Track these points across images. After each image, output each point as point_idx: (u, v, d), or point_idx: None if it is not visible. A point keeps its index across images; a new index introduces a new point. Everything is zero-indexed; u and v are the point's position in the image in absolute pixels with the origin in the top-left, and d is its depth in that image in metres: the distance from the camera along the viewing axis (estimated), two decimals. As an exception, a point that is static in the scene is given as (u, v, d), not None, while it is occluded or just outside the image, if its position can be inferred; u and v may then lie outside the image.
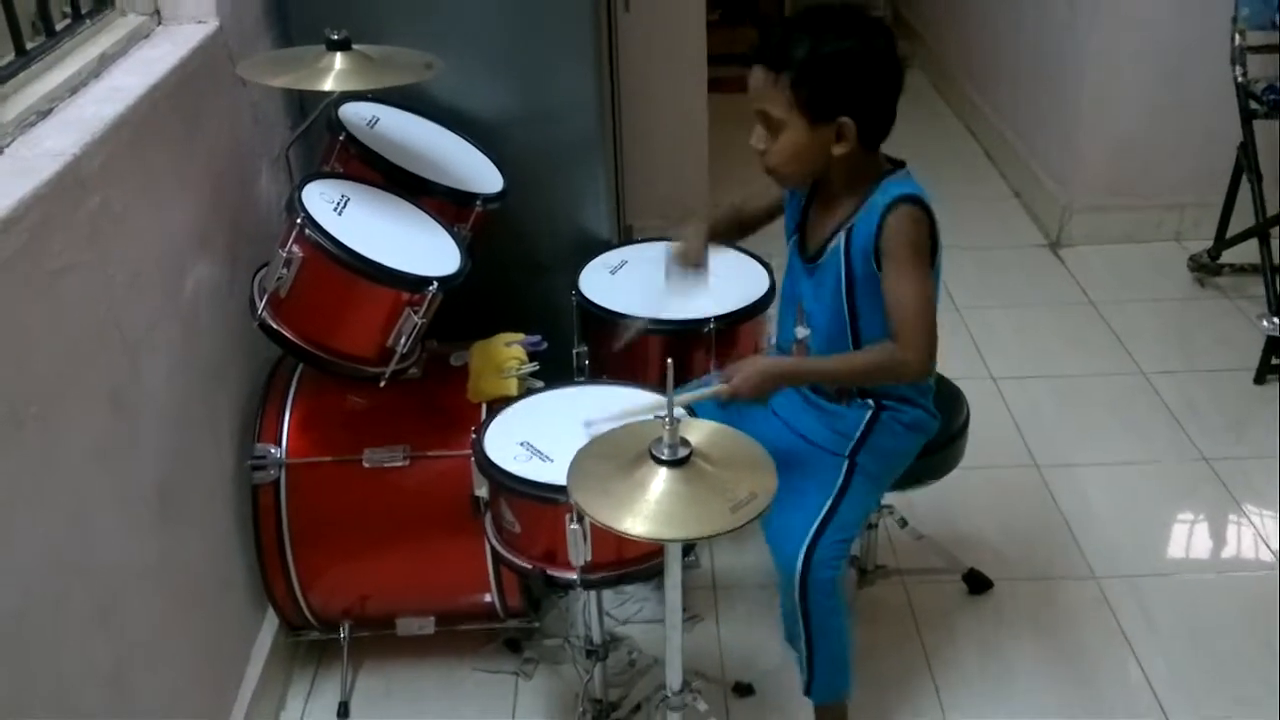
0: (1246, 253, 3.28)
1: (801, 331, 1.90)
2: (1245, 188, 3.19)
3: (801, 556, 1.77)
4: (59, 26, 1.81)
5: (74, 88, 1.72)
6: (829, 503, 1.82)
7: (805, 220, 1.89)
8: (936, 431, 1.96)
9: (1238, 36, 3.11)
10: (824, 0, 1.72)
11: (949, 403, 2.08)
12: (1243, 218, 3.25)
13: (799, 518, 1.79)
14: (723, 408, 1.78)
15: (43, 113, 1.63)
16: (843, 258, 1.77)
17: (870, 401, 1.86)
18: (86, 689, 1.53)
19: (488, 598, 2.12)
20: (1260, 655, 2.21)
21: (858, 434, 1.86)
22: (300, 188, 1.90)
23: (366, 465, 2.02)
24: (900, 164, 1.80)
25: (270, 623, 2.19)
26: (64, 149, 1.52)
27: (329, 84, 1.87)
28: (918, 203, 1.72)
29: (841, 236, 1.77)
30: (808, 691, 1.90)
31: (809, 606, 1.80)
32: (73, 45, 1.81)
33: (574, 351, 2.21)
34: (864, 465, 1.86)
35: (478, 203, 2.14)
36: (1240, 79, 3.11)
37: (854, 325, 1.81)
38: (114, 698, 1.60)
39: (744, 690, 2.14)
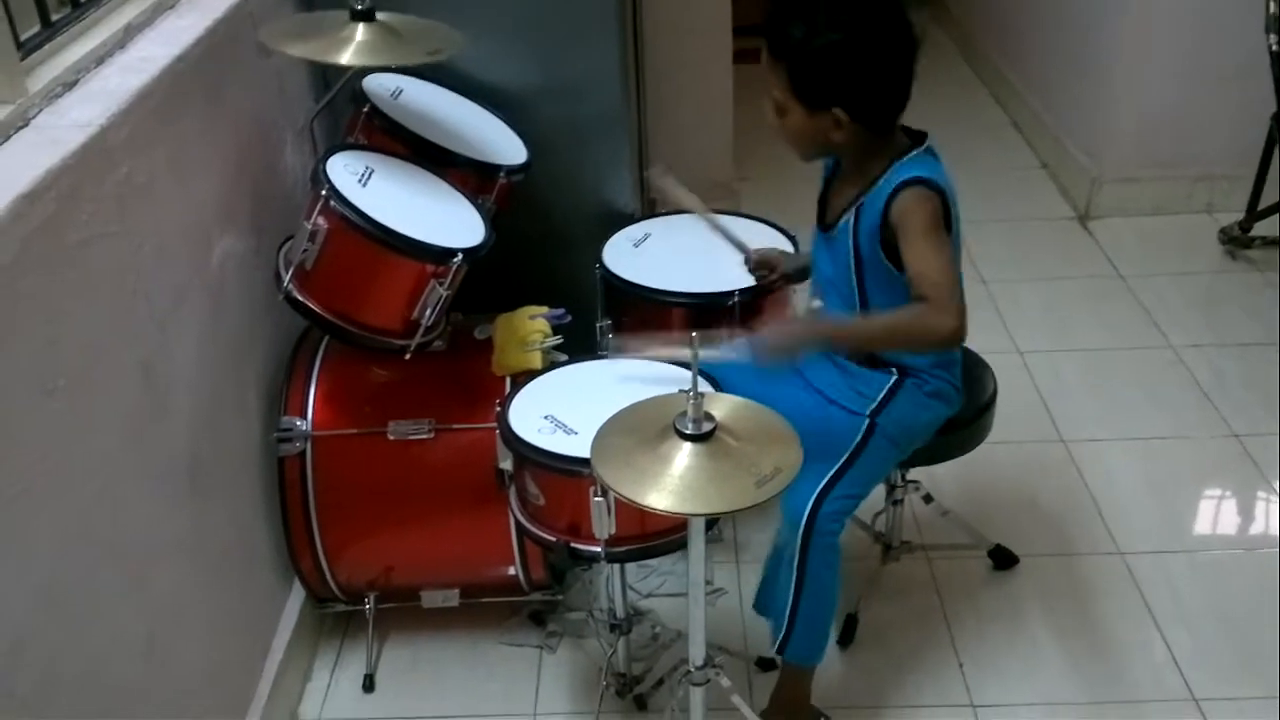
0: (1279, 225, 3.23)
1: (815, 303, 1.90)
2: (1277, 159, 3.14)
3: (809, 507, 1.79)
4: (84, -3, 1.81)
5: (100, 58, 1.72)
6: (843, 459, 1.83)
7: (829, 189, 1.90)
8: (960, 406, 1.95)
9: (1273, 4, 3.05)
10: None
11: (976, 377, 2.06)
12: (1275, 190, 3.21)
13: (812, 469, 1.77)
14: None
15: (69, 84, 1.63)
16: (851, 235, 1.78)
17: (895, 369, 1.87)
18: (117, 661, 1.55)
19: (512, 570, 2.12)
20: (1289, 632, 2.19)
21: (880, 396, 1.86)
22: (325, 159, 1.89)
23: (392, 438, 2.02)
24: (920, 138, 1.79)
25: (297, 595, 2.21)
26: (90, 120, 1.52)
27: (349, 58, 1.86)
28: (925, 183, 1.71)
29: (852, 214, 1.78)
30: (781, 649, 1.90)
31: (807, 557, 1.81)
32: (98, 16, 1.80)
33: (598, 325, 2.20)
34: (883, 427, 1.85)
35: (502, 174, 2.13)
36: (1275, 47, 3.05)
37: (863, 304, 1.82)
38: (145, 669, 1.62)
39: (767, 665, 2.14)
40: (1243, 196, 3.37)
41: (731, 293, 2.08)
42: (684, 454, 1.42)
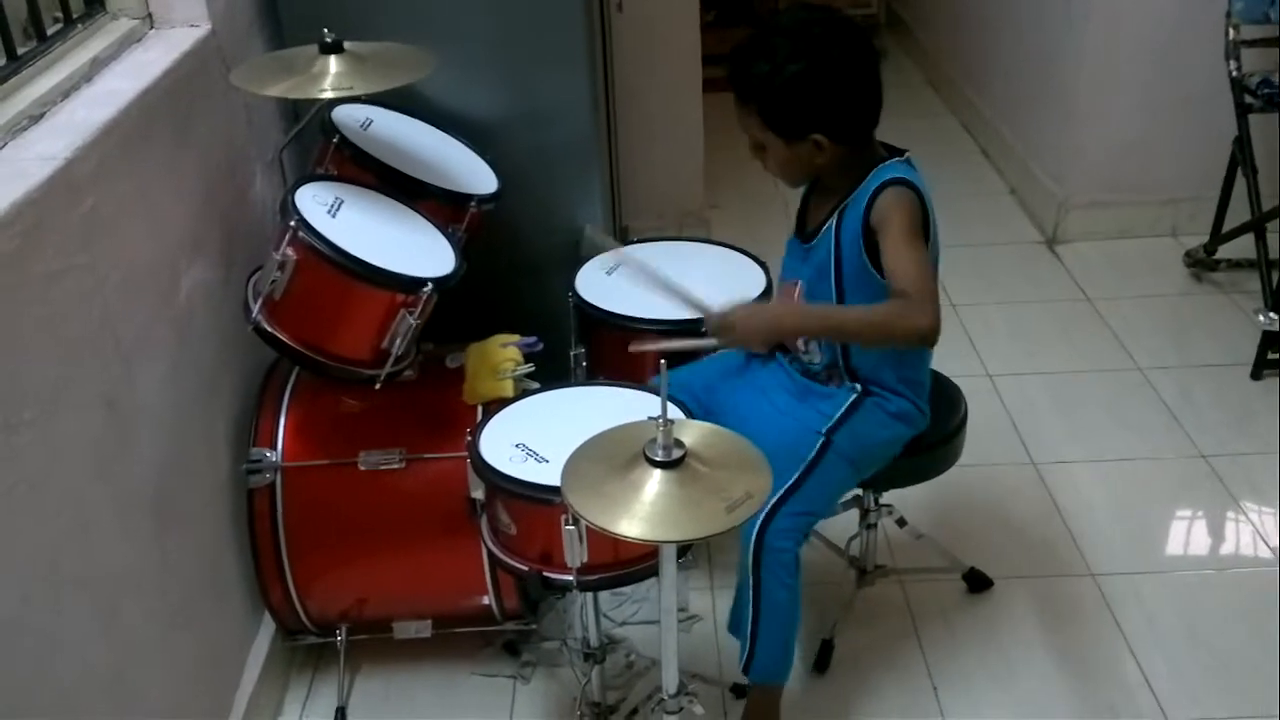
0: (1242, 248, 3.27)
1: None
2: (1241, 183, 3.19)
3: (759, 523, 1.79)
4: (50, 31, 1.81)
5: (65, 92, 1.72)
6: (795, 475, 1.83)
7: (807, 202, 1.92)
8: (924, 428, 1.96)
9: (1232, 31, 3.10)
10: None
11: (947, 399, 2.08)
12: (1238, 213, 3.25)
13: None
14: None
15: (34, 117, 1.63)
16: (833, 239, 1.80)
17: (858, 386, 1.88)
18: (85, 695, 1.53)
19: (485, 600, 2.11)
20: (1259, 653, 2.20)
21: (838, 414, 1.88)
22: (293, 190, 1.89)
23: (362, 468, 2.01)
24: (900, 152, 1.82)
25: (267, 627, 2.18)
26: (56, 153, 1.52)
27: (323, 91, 1.86)
28: (906, 184, 1.73)
29: (834, 220, 1.80)
30: (746, 669, 1.90)
31: (760, 573, 1.81)
32: (64, 49, 1.80)
33: (571, 353, 2.20)
34: (838, 444, 1.86)
35: (472, 204, 2.13)
36: (1235, 73, 3.11)
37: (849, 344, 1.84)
38: (112, 704, 1.60)
39: (742, 691, 2.13)
40: (1207, 220, 3.42)
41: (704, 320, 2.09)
42: (654, 481, 1.42)
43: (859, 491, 2.17)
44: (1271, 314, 2.96)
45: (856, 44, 1.74)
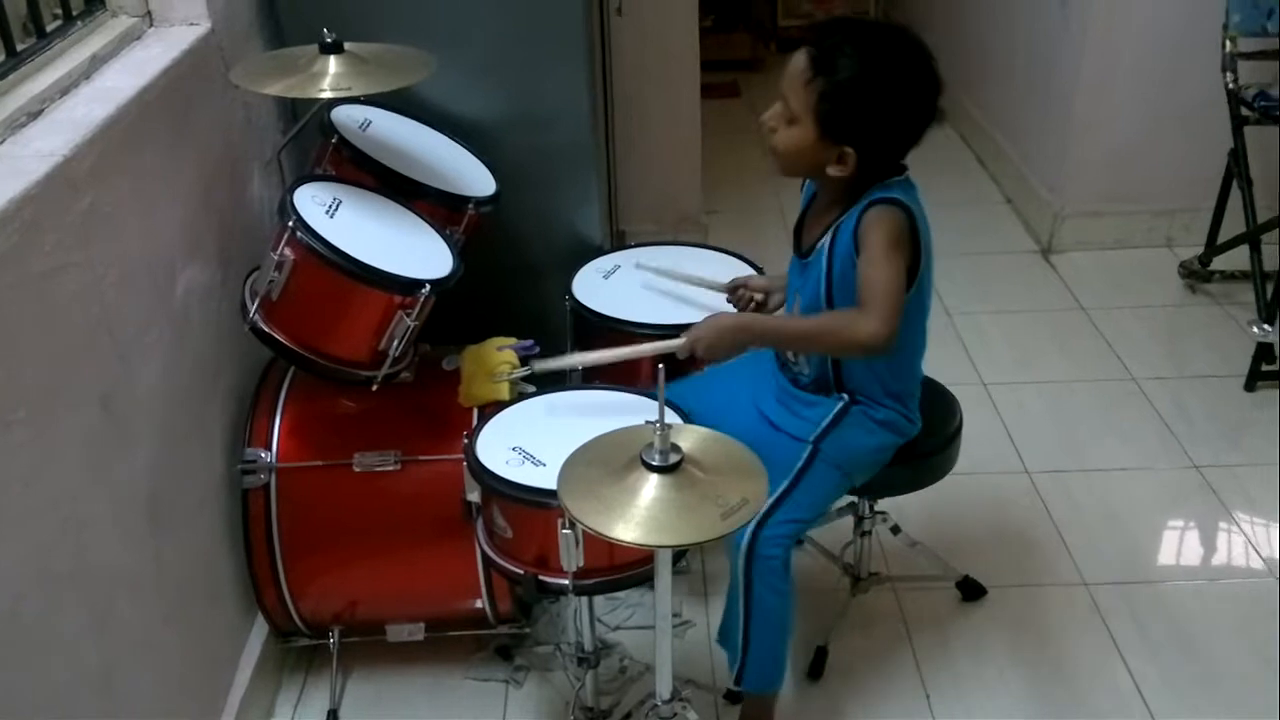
0: (1237, 259, 3.29)
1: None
2: (1236, 194, 3.20)
3: (750, 531, 1.79)
4: (50, 28, 1.80)
5: (64, 89, 1.71)
6: (785, 484, 1.84)
7: (805, 216, 1.92)
8: (914, 436, 1.96)
9: (1228, 43, 3.11)
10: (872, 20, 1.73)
11: (942, 407, 2.08)
12: (1233, 224, 3.26)
13: None
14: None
15: (33, 114, 1.62)
16: (826, 257, 1.80)
17: (845, 395, 1.89)
18: (77, 694, 1.52)
19: (479, 603, 2.11)
20: (1252, 663, 2.21)
21: (826, 422, 1.88)
22: (292, 190, 1.89)
23: (357, 470, 2.01)
24: (900, 169, 1.81)
25: (260, 628, 2.18)
26: (54, 150, 1.51)
27: (323, 91, 1.86)
28: (895, 204, 1.73)
29: (828, 237, 1.80)
30: (738, 680, 1.90)
31: (751, 581, 1.81)
32: (64, 46, 1.80)
33: (567, 356, 2.20)
34: (826, 452, 1.87)
35: (470, 206, 2.13)
36: (1231, 85, 3.11)
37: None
38: (104, 703, 1.59)
39: (735, 697, 2.13)
40: (1202, 231, 3.43)
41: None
42: (651, 485, 1.42)
43: (854, 499, 2.18)
44: (1265, 325, 2.97)
45: (933, 97, 1.72)
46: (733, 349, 1.86)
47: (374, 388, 1.93)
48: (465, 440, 1.86)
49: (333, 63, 1.88)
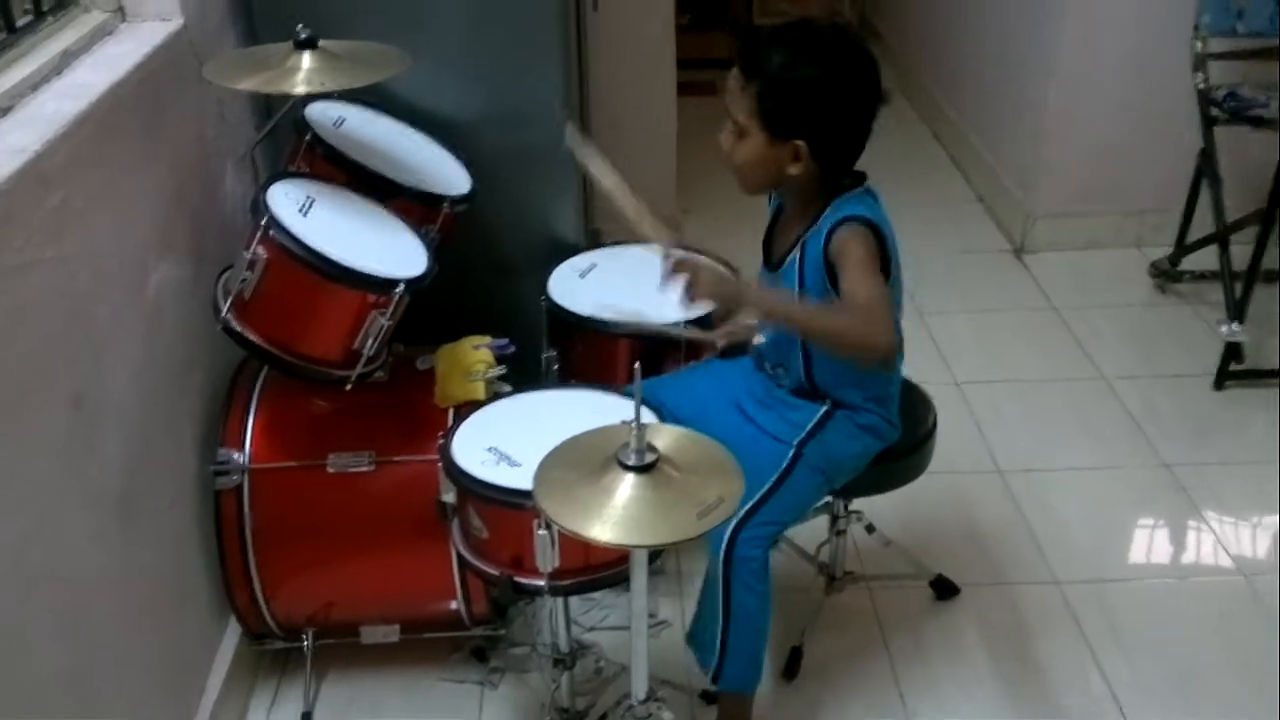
0: (1206, 259, 3.32)
1: (757, 337, 1.93)
2: (1205, 194, 3.23)
3: (729, 533, 1.80)
4: (20, 23, 1.78)
5: (35, 84, 1.69)
6: (767, 486, 1.84)
7: (773, 230, 1.92)
8: (895, 440, 1.97)
9: (1199, 43, 3.14)
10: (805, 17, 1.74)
11: (916, 407, 2.09)
12: (1203, 225, 3.30)
13: None
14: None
15: (4, 109, 1.60)
16: (796, 272, 1.80)
17: (828, 400, 1.89)
18: (47, 696, 1.51)
19: (454, 605, 2.10)
20: (1222, 660, 2.23)
21: (809, 426, 1.89)
22: (265, 188, 1.87)
23: (331, 470, 2.00)
24: (859, 178, 1.81)
25: (233, 631, 2.16)
26: (25, 145, 1.49)
27: (297, 86, 1.84)
28: (864, 222, 1.73)
29: (797, 252, 1.80)
30: (715, 678, 1.90)
31: (730, 580, 1.82)
32: (35, 42, 1.78)
33: (543, 356, 2.19)
34: (808, 456, 1.87)
35: (445, 204, 2.12)
36: (1201, 85, 3.14)
37: (805, 341, 1.84)
38: (75, 705, 1.57)
39: (711, 698, 2.13)
40: (1171, 231, 3.46)
41: (678, 324, 2.09)
42: (626, 485, 1.42)
43: (829, 498, 2.18)
44: (1234, 325, 3.00)
45: (871, 79, 1.76)
46: (730, 298, 1.73)
47: (348, 388, 1.91)
48: (440, 440, 1.85)
49: (306, 58, 1.87)
